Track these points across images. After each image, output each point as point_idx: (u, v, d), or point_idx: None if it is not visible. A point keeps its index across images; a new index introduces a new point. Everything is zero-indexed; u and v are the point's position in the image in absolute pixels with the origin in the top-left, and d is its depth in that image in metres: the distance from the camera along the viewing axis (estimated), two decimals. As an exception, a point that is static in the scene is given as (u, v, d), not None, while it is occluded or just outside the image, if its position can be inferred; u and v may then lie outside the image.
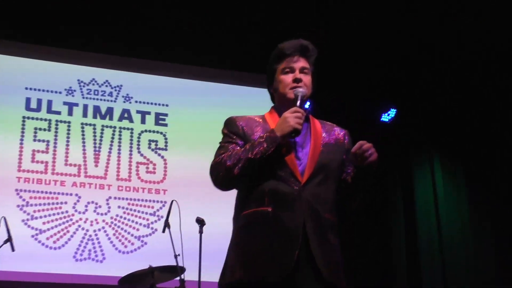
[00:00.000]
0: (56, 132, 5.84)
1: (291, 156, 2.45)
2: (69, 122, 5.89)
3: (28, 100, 5.83)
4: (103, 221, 5.71)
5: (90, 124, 5.93)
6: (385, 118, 6.65)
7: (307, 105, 2.73)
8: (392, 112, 6.61)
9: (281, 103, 2.59)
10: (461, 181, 6.45)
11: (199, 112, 6.21)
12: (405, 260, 6.38)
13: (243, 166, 2.40)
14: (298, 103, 2.48)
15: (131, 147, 6.00)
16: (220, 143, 2.58)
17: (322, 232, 2.39)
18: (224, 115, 2.66)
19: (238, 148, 2.48)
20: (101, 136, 5.93)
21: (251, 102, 6.31)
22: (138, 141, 6.03)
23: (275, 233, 2.35)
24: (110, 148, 5.93)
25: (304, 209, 2.38)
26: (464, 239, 6.28)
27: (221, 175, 2.45)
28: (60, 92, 5.93)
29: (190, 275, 4.28)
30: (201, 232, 4.32)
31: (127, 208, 5.80)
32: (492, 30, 5.92)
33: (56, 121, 5.86)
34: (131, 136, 6.02)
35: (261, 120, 2.58)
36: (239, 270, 2.35)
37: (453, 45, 6.22)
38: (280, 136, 2.40)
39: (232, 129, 2.56)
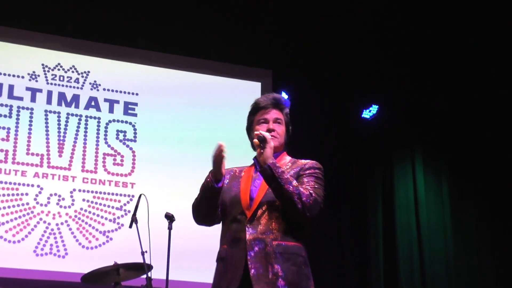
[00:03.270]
0: (17, 119, 5.84)
1: (245, 196, 2.94)
2: (31, 109, 5.90)
3: (-13, 84, 5.79)
4: (67, 214, 5.74)
5: (54, 112, 5.95)
6: (366, 114, 6.79)
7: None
8: (374, 109, 6.76)
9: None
10: (444, 180, 6.66)
11: (170, 102, 6.23)
12: (383, 261, 6.52)
13: (197, 203, 3.03)
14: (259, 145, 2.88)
15: (97, 137, 6.02)
16: None
17: (268, 259, 2.82)
18: (196, 106, 2.81)
19: None
20: (66, 125, 5.95)
21: (227, 93, 6.38)
22: (106, 131, 6.06)
23: (227, 267, 2.89)
24: (75, 138, 5.96)
25: (249, 241, 2.86)
26: (445, 240, 6.51)
27: (193, 214, 3.08)
28: (22, 77, 5.94)
29: (157, 273, 4.30)
30: (170, 228, 4.27)
31: (92, 202, 5.85)
32: (475, 24, 6.09)
33: (18, 107, 5.87)
34: (98, 126, 6.04)
35: (237, 170, 3.09)
36: None
37: (436, 39, 6.35)
38: (210, 172, 2.93)
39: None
